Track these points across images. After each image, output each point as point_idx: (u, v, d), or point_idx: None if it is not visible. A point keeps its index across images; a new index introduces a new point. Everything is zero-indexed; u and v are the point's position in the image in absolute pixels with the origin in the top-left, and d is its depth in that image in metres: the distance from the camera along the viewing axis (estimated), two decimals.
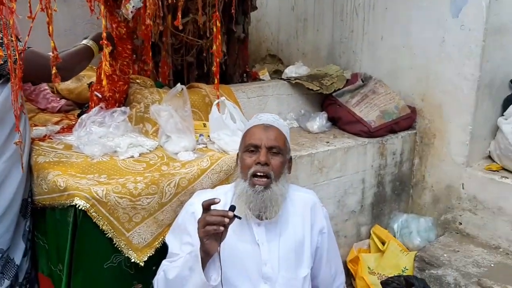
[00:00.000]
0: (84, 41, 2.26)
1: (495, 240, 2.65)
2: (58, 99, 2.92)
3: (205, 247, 1.51)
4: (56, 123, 2.60)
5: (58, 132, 2.38)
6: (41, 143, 2.20)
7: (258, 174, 1.65)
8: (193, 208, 1.72)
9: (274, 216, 1.69)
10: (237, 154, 1.83)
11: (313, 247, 1.84)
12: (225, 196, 1.74)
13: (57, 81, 1.91)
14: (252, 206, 1.65)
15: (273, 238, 1.73)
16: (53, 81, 1.92)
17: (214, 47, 2.26)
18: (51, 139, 2.26)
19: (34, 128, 2.42)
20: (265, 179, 1.66)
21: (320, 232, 1.85)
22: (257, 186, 1.64)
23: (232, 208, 1.52)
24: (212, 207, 1.52)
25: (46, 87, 2.87)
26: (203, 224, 1.49)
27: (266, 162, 1.65)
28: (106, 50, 2.10)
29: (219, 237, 1.50)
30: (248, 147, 1.71)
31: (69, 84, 3.07)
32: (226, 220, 1.47)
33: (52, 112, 2.86)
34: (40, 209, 2.02)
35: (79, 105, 2.92)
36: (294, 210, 1.81)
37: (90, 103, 2.47)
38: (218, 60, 2.24)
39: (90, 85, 2.53)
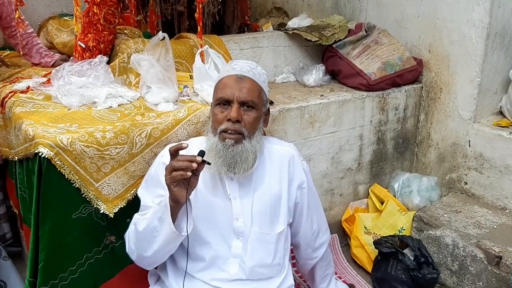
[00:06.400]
0: None
1: (501, 201, 2.49)
2: (52, 53, 2.86)
3: (173, 194, 1.43)
4: (45, 75, 2.55)
5: (42, 84, 2.33)
6: (21, 95, 2.16)
7: (229, 131, 1.54)
8: (164, 159, 1.63)
9: (243, 173, 1.59)
10: (211, 105, 1.71)
11: (291, 202, 1.75)
12: (198, 149, 1.63)
13: None
14: (221, 161, 1.54)
15: (246, 193, 1.65)
16: None
17: None
18: (32, 90, 2.22)
19: (20, 81, 2.38)
20: (237, 135, 1.54)
21: (299, 187, 1.76)
22: (227, 140, 1.54)
23: (201, 153, 1.42)
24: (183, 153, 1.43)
25: (39, 41, 2.81)
26: (170, 170, 1.40)
27: (237, 119, 1.53)
28: None
29: (188, 184, 1.42)
30: (219, 100, 1.57)
31: (64, 37, 3.03)
32: (194, 165, 1.37)
33: (46, 67, 2.81)
34: (20, 161, 2.00)
35: None
36: (271, 164, 1.71)
37: (74, 53, 2.42)
38: (201, 6, 2.10)
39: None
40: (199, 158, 1.39)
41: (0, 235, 2.61)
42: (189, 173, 1.38)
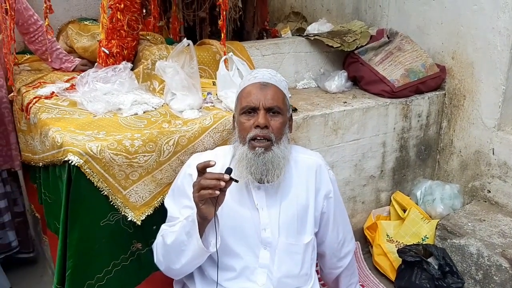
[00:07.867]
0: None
1: None
2: (72, 58, 2.86)
3: (201, 212, 1.42)
4: (67, 81, 2.56)
5: (66, 89, 2.34)
6: (45, 100, 2.17)
7: (258, 138, 1.54)
8: (191, 170, 1.63)
9: (276, 179, 1.58)
10: (233, 115, 1.71)
11: (318, 211, 1.74)
12: (223, 158, 1.64)
13: None
14: (254, 170, 1.54)
15: (273, 203, 1.64)
16: None
17: None
18: (57, 96, 2.23)
19: (43, 86, 2.39)
20: (266, 142, 1.54)
21: (326, 197, 1.74)
22: (257, 148, 1.53)
23: (229, 170, 1.42)
24: (210, 169, 1.42)
25: (59, 46, 2.81)
26: (198, 188, 1.40)
27: (265, 125, 1.53)
28: (104, 2, 2.00)
29: (215, 201, 1.42)
30: (245, 109, 1.58)
31: (85, 42, 3.03)
32: (222, 183, 1.37)
33: (67, 72, 2.82)
34: (44, 167, 2.00)
35: (94, 64, 2.87)
36: (298, 173, 1.70)
37: (98, 59, 2.42)
38: (224, 13, 2.10)
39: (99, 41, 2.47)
40: (226, 176, 1.38)
41: (5, 243, 2.60)
42: (217, 192, 1.37)
